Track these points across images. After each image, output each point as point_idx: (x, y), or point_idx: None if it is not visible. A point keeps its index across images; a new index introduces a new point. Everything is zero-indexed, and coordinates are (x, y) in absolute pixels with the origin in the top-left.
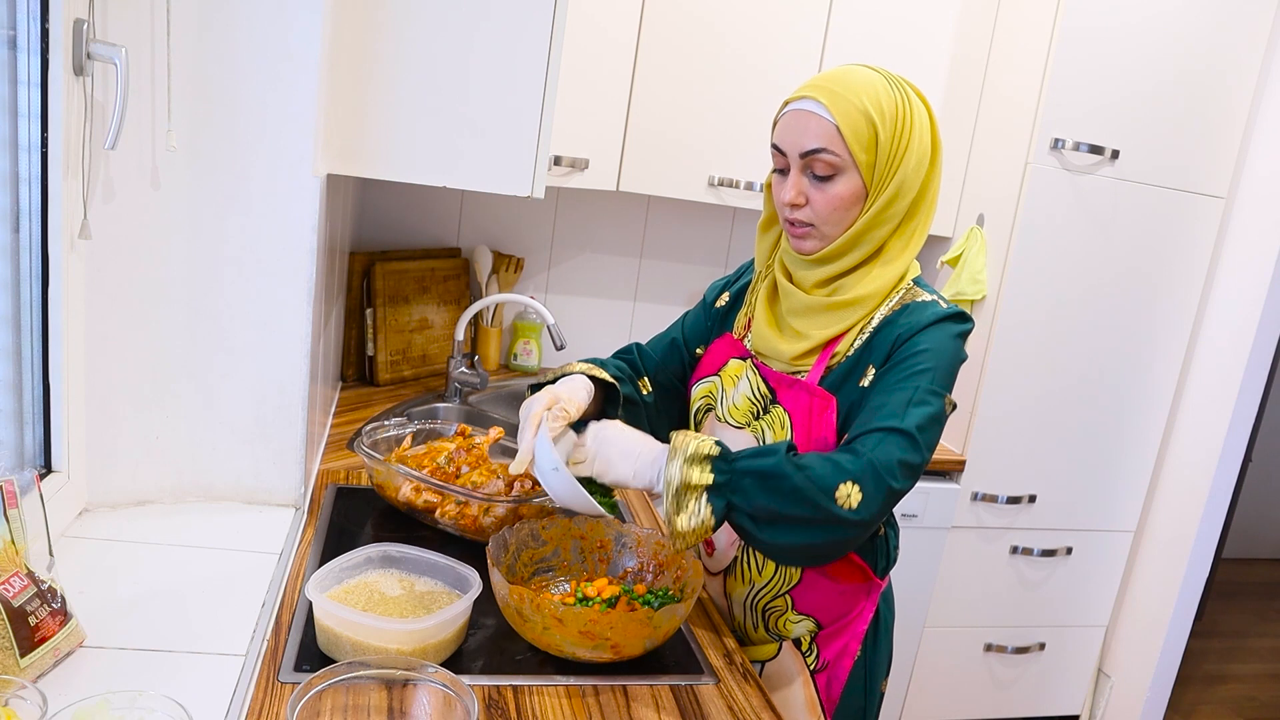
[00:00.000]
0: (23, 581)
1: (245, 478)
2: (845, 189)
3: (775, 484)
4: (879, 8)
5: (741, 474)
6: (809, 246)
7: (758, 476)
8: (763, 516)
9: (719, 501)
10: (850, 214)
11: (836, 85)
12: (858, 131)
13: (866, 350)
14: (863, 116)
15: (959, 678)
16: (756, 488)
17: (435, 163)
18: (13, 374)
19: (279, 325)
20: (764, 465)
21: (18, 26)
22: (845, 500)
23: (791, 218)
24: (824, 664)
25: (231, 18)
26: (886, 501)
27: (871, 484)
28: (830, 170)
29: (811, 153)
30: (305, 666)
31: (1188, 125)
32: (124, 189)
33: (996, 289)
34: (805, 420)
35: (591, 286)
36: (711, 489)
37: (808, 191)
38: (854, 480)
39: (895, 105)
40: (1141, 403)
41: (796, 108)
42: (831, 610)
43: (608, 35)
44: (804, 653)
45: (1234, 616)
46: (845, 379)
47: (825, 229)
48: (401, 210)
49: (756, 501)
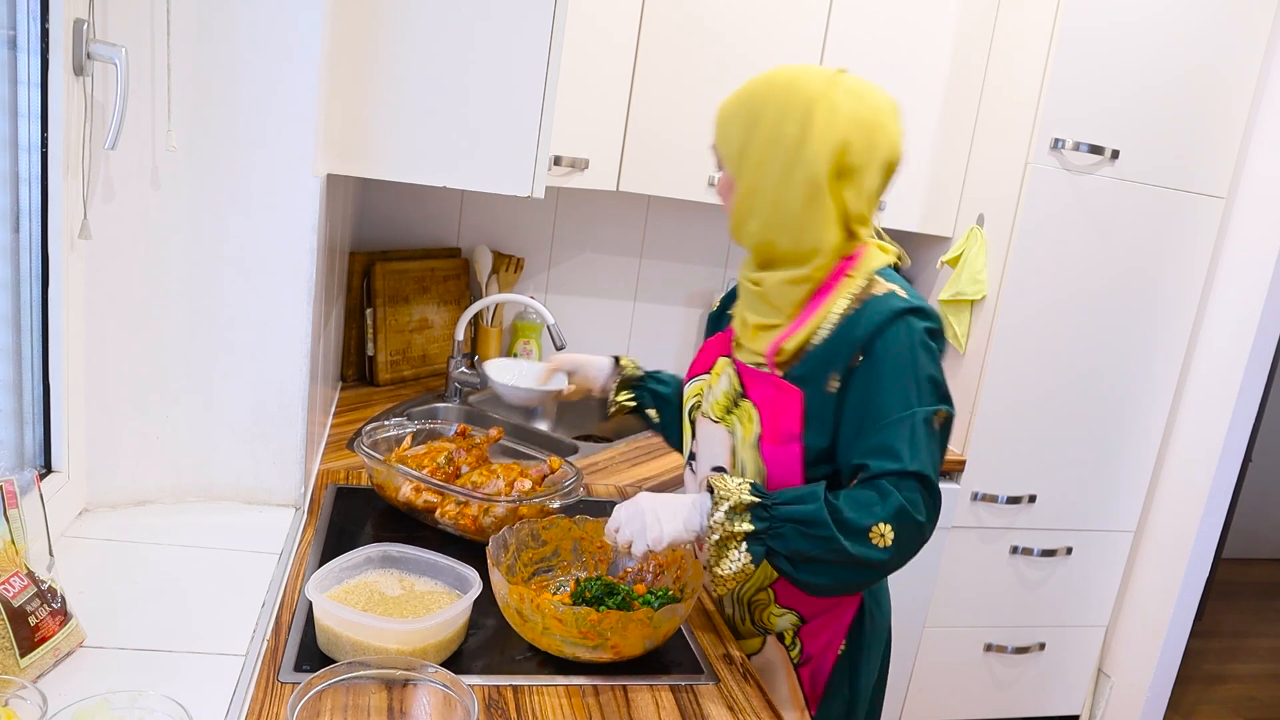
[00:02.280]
0: (23, 581)
1: (245, 478)
2: (725, 180)
3: (813, 531)
4: (879, 8)
5: (781, 520)
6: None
7: (797, 523)
8: (800, 559)
9: (758, 548)
10: (728, 202)
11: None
12: (722, 124)
13: (830, 350)
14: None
15: (959, 678)
16: (795, 534)
17: (435, 163)
18: (13, 374)
19: (279, 325)
20: (803, 513)
21: (18, 26)
22: (880, 540)
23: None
24: (807, 657)
25: (231, 18)
26: (916, 541)
27: (902, 527)
28: (718, 164)
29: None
30: (305, 666)
31: (1188, 125)
32: (124, 189)
33: (996, 289)
34: (772, 413)
35: (591, 286)
36: (751, 536)
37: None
38: (886, 522)
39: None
40: (1141, 403)
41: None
42: (813, 604)
43: (608, 36)
44: (787, 646)
45: (1234, 616)
46: (812, 376)
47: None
48: (401, 210)
49: (794, 546)
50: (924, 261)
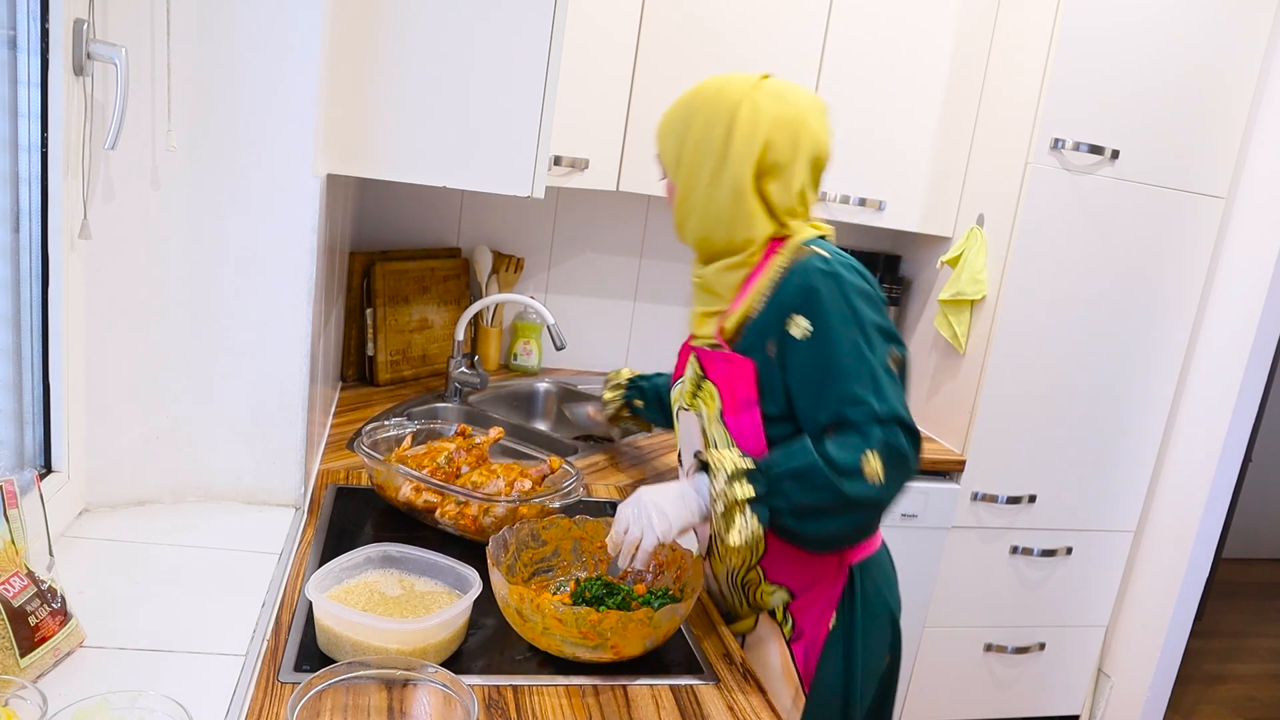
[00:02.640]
0: (23, 581)
1: (245, 478)
2: (667, 185)
3: (811, 480)
4: (879, 8)
5: (778, 478)
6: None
7: (793, 477)
8: (803, 512)
9: (763, 510)
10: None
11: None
12: (661, 133)
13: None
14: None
15: (959, 678)
16: (795, 488)
17: (435, 163)
18: (13, 374)
19: (279, 325)
20: (797, 466)
21: (18, 26)
22: (873, 476)
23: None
24: (799, 632)
25: (231, 18)
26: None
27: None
28: (662, 172)
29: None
30: (305, 666)
31: (1188, 125)
32: (124, 189)
33: (996, 289)
34: (729, 386)
35: (591, 286)
36: (754, 500)
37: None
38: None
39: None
40: (1141, 403)
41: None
42: (800, 578)
43: (608, 36)
44: (780, 622)
45: (1234, 616)
46: (755, 346)
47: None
48: (401, 210)
49: (795, 500)
50: (924, 261)
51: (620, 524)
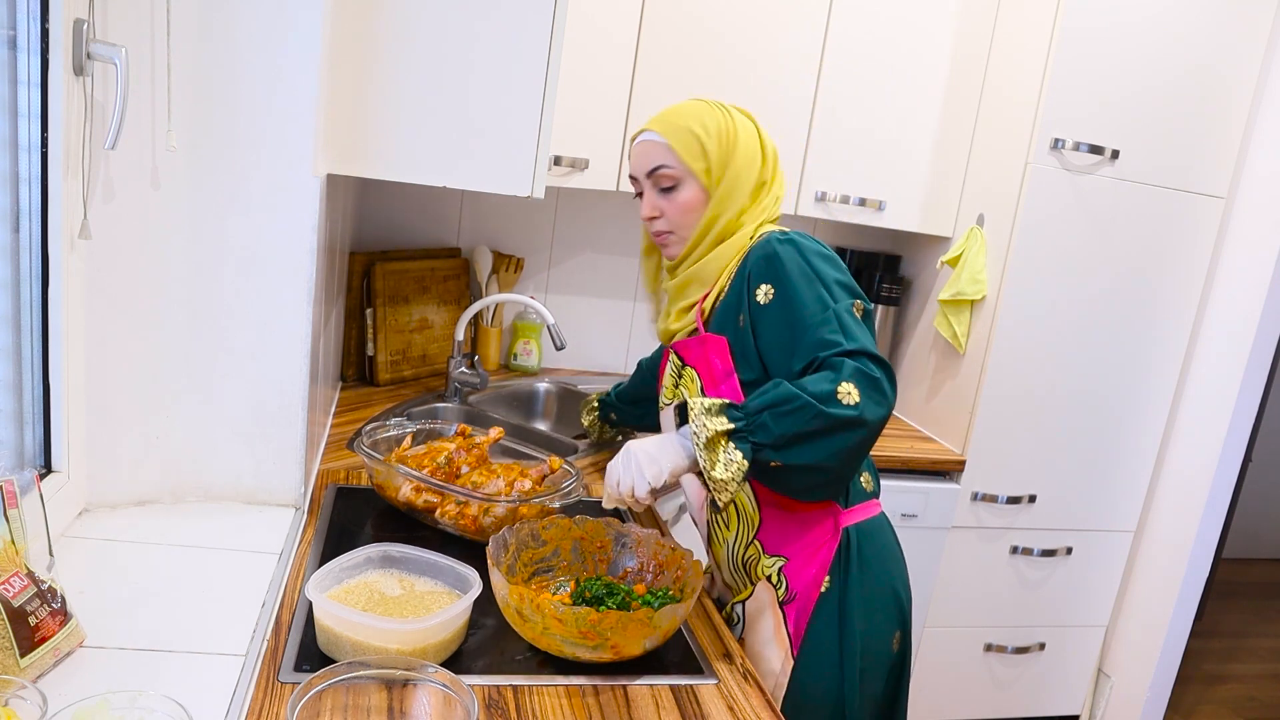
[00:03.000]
0: (23, 581)
1: (245, 478)
2: (688, 194)
3: (788, 406)
4: (879, 8)
5: (755, 411)
6: (674, 250)
7: (770, 408)
8: (785, 442)
9: (744, 445)
10: (699, 213)
11: (667, 114)
12: (686, 145)
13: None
14: (689, 133)
15: (959, 678)
16: (773, 418)
17: (435, 163)
18: (13, 374)
19: (279, 325)
20: (772, 396)
21: (18, 26)
22: (848, 398)
23: (654, 230)
24: (792, 594)
25: (231, 18)
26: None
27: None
28: (672, 181)
29: (654, 171)
30: (305, 666)
31: (1188, 125)
32: (124, 189)
33: (996, 289)
34: (706, 365)
35: (591, 286)
36: (734, 435)
37: (660, 205)
38: (848, 381)
39: (717, 119)
40: (1141, 403)
41: (639, 140)
42: (796, 542)
43: (608, 36)
44: (774, 585)
45: (1234, 616)
46: (725, 321)
47: (682, 231)
48: (401, 210)
49: (776, 431)
50: (924, 261)
51: (611, 476)
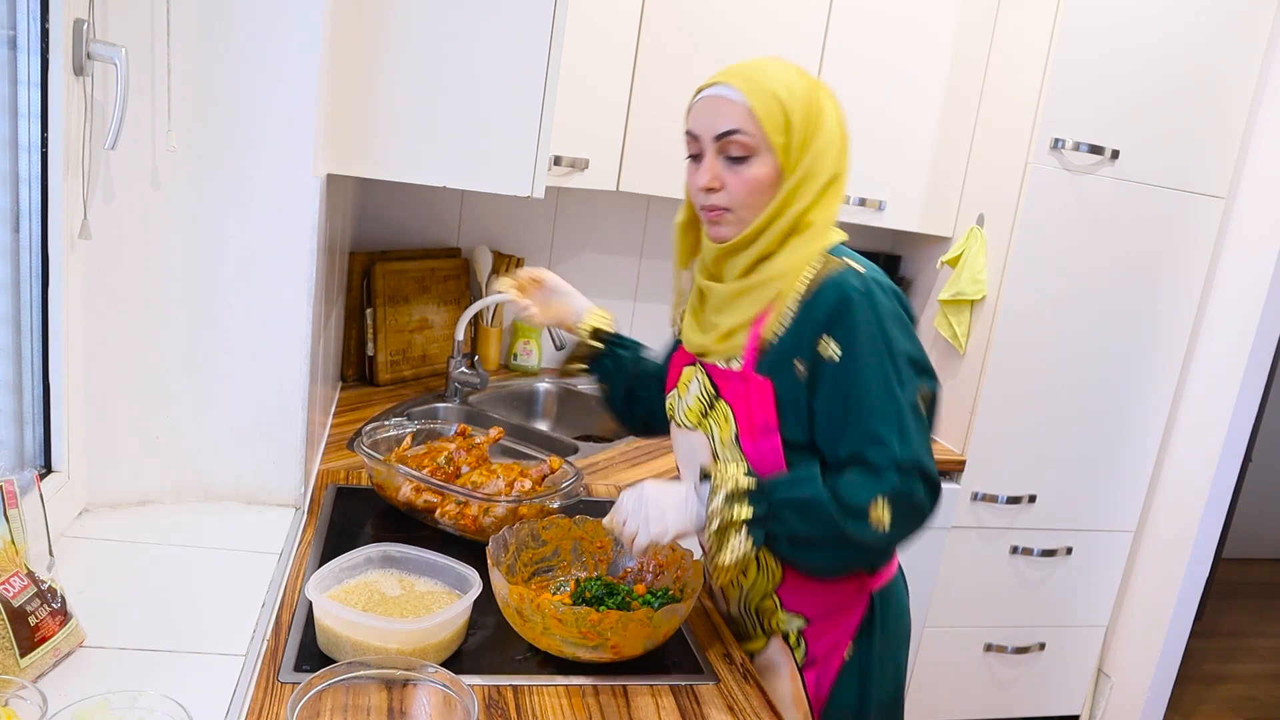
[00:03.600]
0: (23, 581)
1: (245, 478)
2: (760, 171)
3: (812, 512)
4: (879, 8)
5: (780, 505)
6: (726, 233)
7: (795, 507)
8: (800, 542)
9: (759, 533)
10: (766, 196)
11: (750, 71)
12: (770, 113)
13: (793, 336)
14: (775, 99)
15: (959, 678)
16: (795, 517)
17: (435, 163)
18: (13, 374)
19: (279, 325)
20: (801, 495)
21: (18, 26)
22: (878, 523)
23: (708, 203)
24: (812, 659)
25: (231, 18)
26: (915, 523)
27: (898, 508)
28: (744, 151)
29: (725, 135)
30: (305, 666)
31: (1188, 125)
32: (124, 189)
33: (996, 289)
34: (745, 409)
35: (591, 286)
36: (752, 522)
37: (723, 175)
38: (883, 499)
39: (806, 90)
40: (1141, 402)
41: (710, 94)
42: (818, 605)
43: (608, 35)
44: (791, 646)
45: (1234, 616)
46: (779, 364)
47: (742, 212)
48: (401, 210)
49: (794, 530)
50: (924, 261)
51: (619, 514)
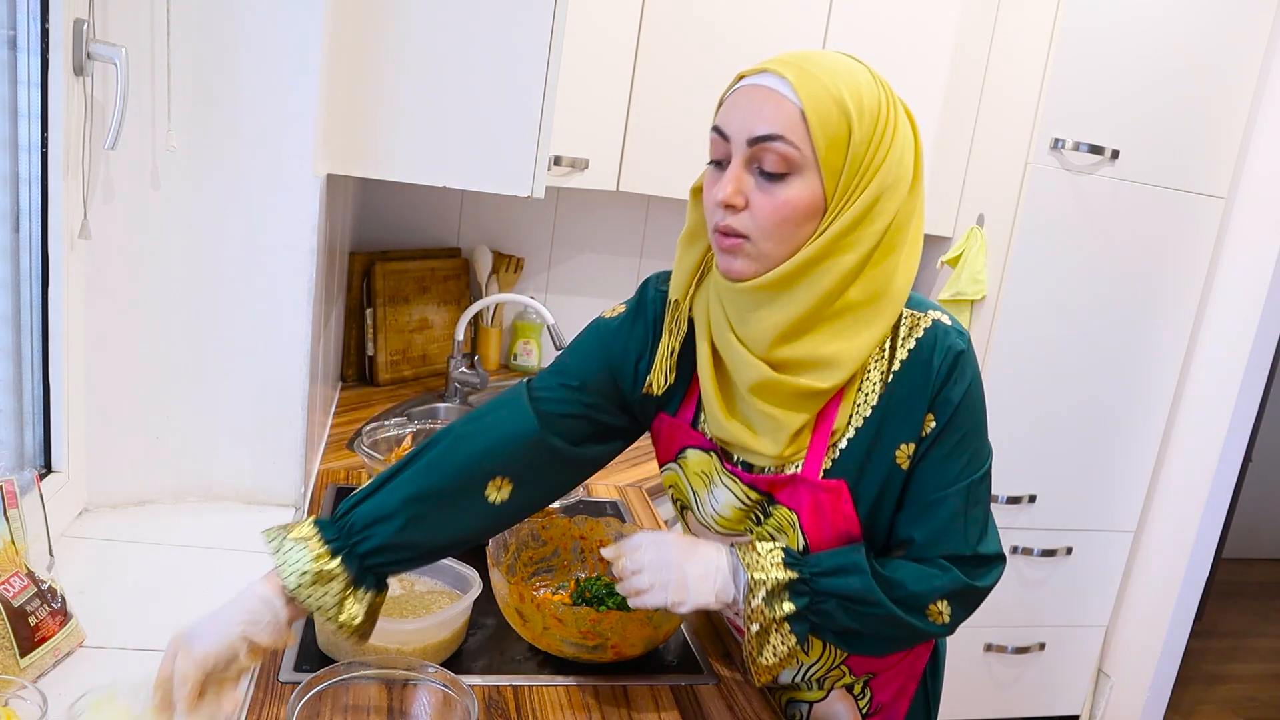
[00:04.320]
0: (23, 581)
1: (245, 478)
2: (800, 195)
3: (863, 609)
4: (879, 8)
5: (825, 595)
6: (740, 267)
7: (843, 600)
8: (848, 634)
9: (801, 627)
10: (800, 231)
11: (809, 64)
12: (826, 122)
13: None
14: (836, 105)
15: (959, 678)
16: (841, 611)
17: (435, 163)
18: (13, 374)
19: (279, 325)
20: (850, 588)
21: (18, 26)
22: (937, 617)
23: (724, 224)
24: (878, 707)
25: (231, 18)
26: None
27: (962, 602)
28: (784, 167)
29: (763, 140)
30: (305, 666)
31: (1188, 125)
32: (124, 189)
33: (996, 289)
34: (815, 519)
35: (591, 286)
36: (793, 617)
37: (749, 192)
38: (946, 598)
39: (878, 103)
40: (1141, 402)
41: (753, 83)
42: (888, 660)
43: (608, 35)
44: (856, 696)
45: (1234, 616)
46: (865, 457)
47: (765, 245)
48: (401, 210)
49: (842, 624)
50: (924, 261)
51: (633, 562)
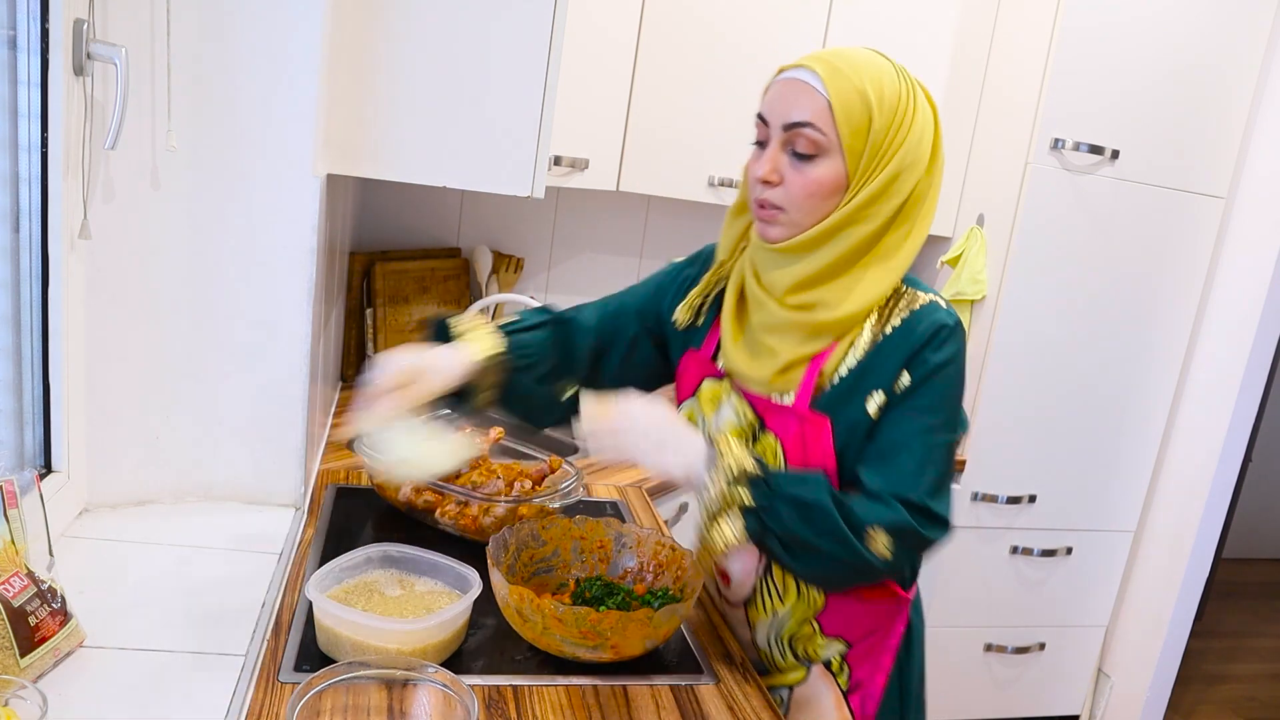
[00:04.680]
0: (23, 581)
1: (245, 478)
2: (825, 174)
3: (812, 516)
4: (879, 7)
5: (781, 500)
6: (774, 234)
7: (796, 505)
8: (792, 543)
9: (753, 522)
10: (826, 203)
11: (838, 60)
12: (850, 111)
13: (868, 369)
14: (858, 96)
15: (959, 678)
16: (793, 516)
17: (435, 163)
18: (13, 374)
19: (279, 325)
20: (805, 496)
21: (18, 26)
22: (876, 548)
23: (762, 197)
24: (856, 683)
25: (231, 17)
26: (916, 555)
27: (904, 540)
28: (812, 149)
29: (795, 126)
30: (305, 666)
31: (1188, 125)
32: (124, 189)
33: (996, 289)
34: (798, 447)
35: (591, 286)
36: (747, 509)
37: (784, 170)
38: (888, 531)
39: (897, 95)
40: (1141, 402)
41: (790, 76)
42: (861, 628)
43: (608, 35)
44: (834, 673)
45: (1234, 616)
46: (844, 400)
47: (796, 215)
48: (401, 210)
49: (790, 529)
50: (924, 261)
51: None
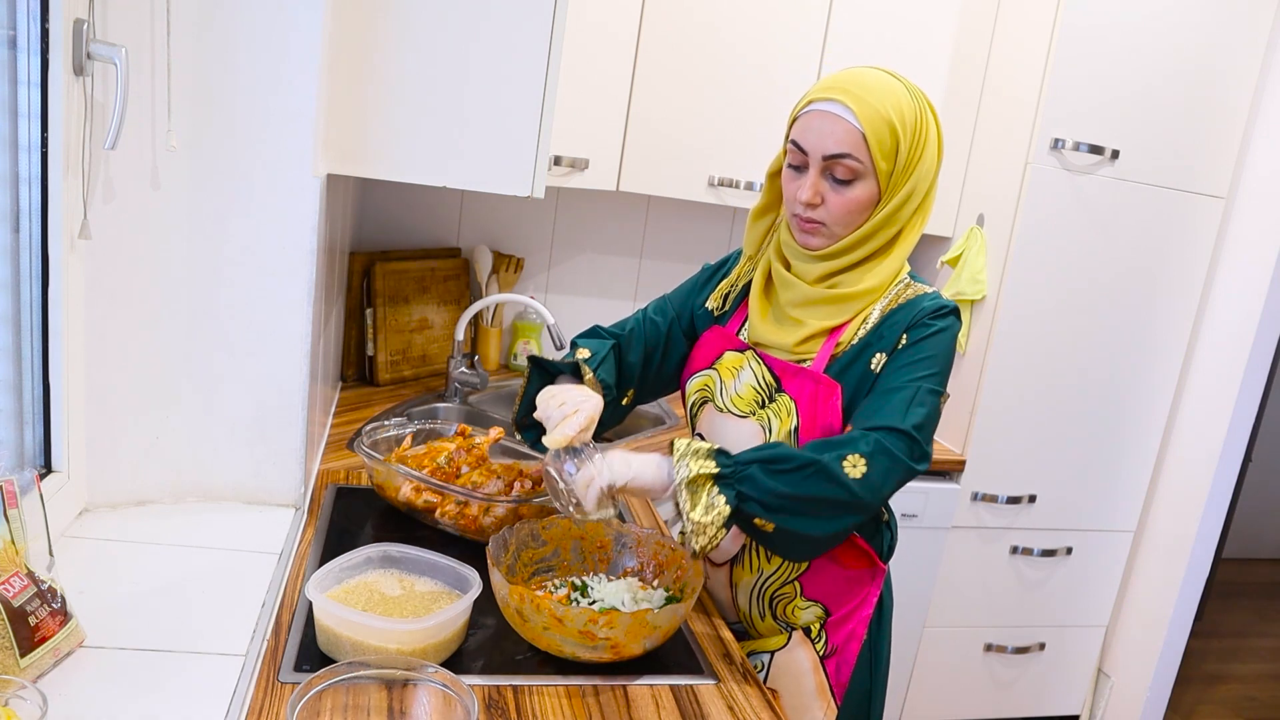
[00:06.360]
0: (23, 581)
1: (245, 478)
2: (862, 194)
3: (781, 466)
4: (879, 7)
5: (745, 464)
6: (816, 243)
7: (761, 463)
8: (775, 503)
9: (729, 490)
10: (862, 216)
11: (863, 91)
12: (881, 140)
13: (874, 337)
14: (887, 126)
15: (959, 678)
16: (763, 473)
17: (435, 163)
18: (13, 374)
19: (279, 325)
20: (766, 453)
21: (18, 26)
22: (852, 469)
23: (806, 215)
24: (833, 649)
25: (231, 18)
26: (892, 477)
27: (879, 460)
28: (850, 175)
29: (835, 157)
30: (305, 666)
31: (1188, 125)
32: (124, 189)
33: (996, 289)
34: (811, 407)
35: (591, 286)
36: (719, 479)
37: (825, 193)
38: (860, 455)
39: (915, 117)
40: (1141, 402)
41: (823, 109)
42: (839, 596)
43: (608, 34)
44: (813, 640)
45: (1234, 616)
46: (851, 365)
47: (835, 228)
48: (401, 210)
49: (766, 486)
50: (924, 261)
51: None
